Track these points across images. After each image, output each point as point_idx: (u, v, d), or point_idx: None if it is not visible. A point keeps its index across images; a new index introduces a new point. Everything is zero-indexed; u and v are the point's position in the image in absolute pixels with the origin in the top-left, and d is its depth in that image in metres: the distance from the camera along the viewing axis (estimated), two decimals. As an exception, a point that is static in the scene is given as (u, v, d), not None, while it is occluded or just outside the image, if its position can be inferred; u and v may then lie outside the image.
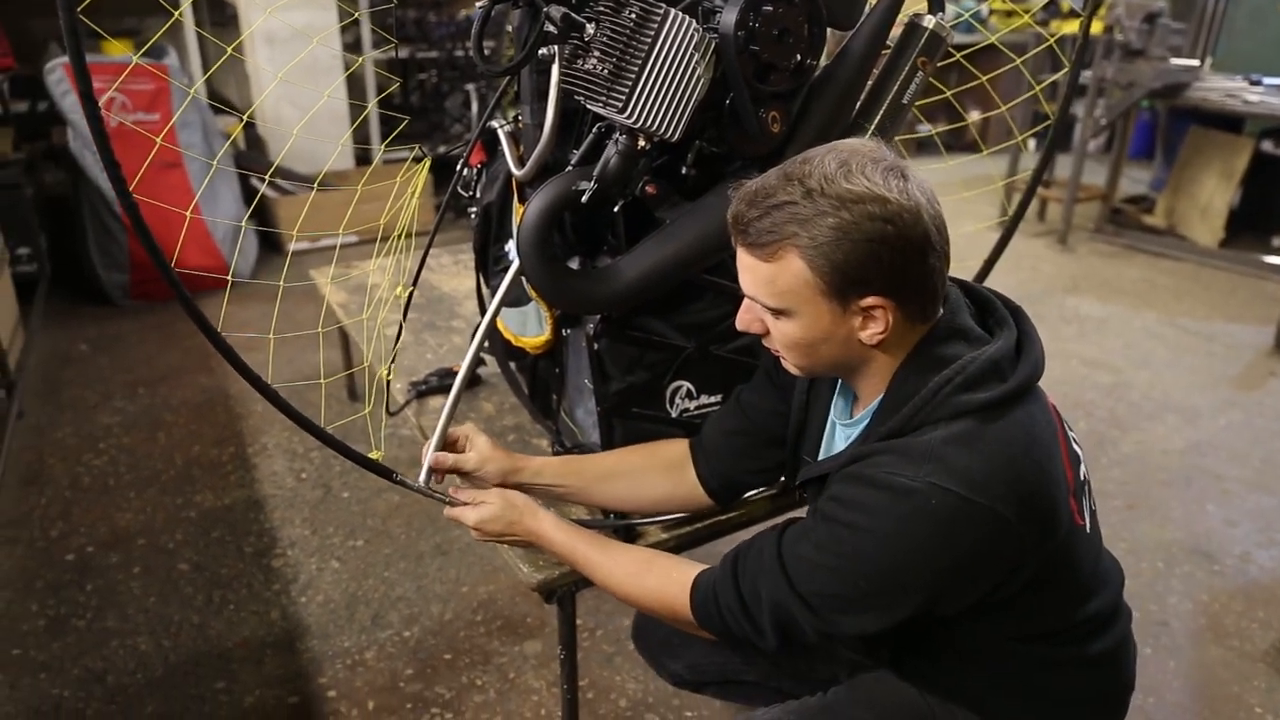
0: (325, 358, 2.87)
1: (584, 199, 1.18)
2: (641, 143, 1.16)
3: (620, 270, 1.26)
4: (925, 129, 5.43)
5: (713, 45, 1.14)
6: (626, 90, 1.12)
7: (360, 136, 4.78)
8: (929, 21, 1.30)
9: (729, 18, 1.12)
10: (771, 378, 1.24)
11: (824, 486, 1.02)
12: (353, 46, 4.81)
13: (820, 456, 1.16)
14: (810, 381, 1.18)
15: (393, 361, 1.52)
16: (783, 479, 1.31)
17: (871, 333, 0.95)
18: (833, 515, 0.95)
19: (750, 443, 1.27)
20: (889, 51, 1.33)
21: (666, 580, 1.11)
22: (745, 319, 1.04)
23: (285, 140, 4.32)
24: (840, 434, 1.12)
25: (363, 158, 4.82)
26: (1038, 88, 1.95)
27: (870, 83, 1.33)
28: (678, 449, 1.35)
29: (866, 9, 1.30)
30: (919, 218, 0.89)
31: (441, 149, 4.73)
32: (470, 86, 4.75)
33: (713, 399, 1.48)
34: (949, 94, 1.77)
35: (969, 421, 0.92)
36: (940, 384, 0.94)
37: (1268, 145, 4.68)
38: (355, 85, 4.79)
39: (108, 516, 2.38)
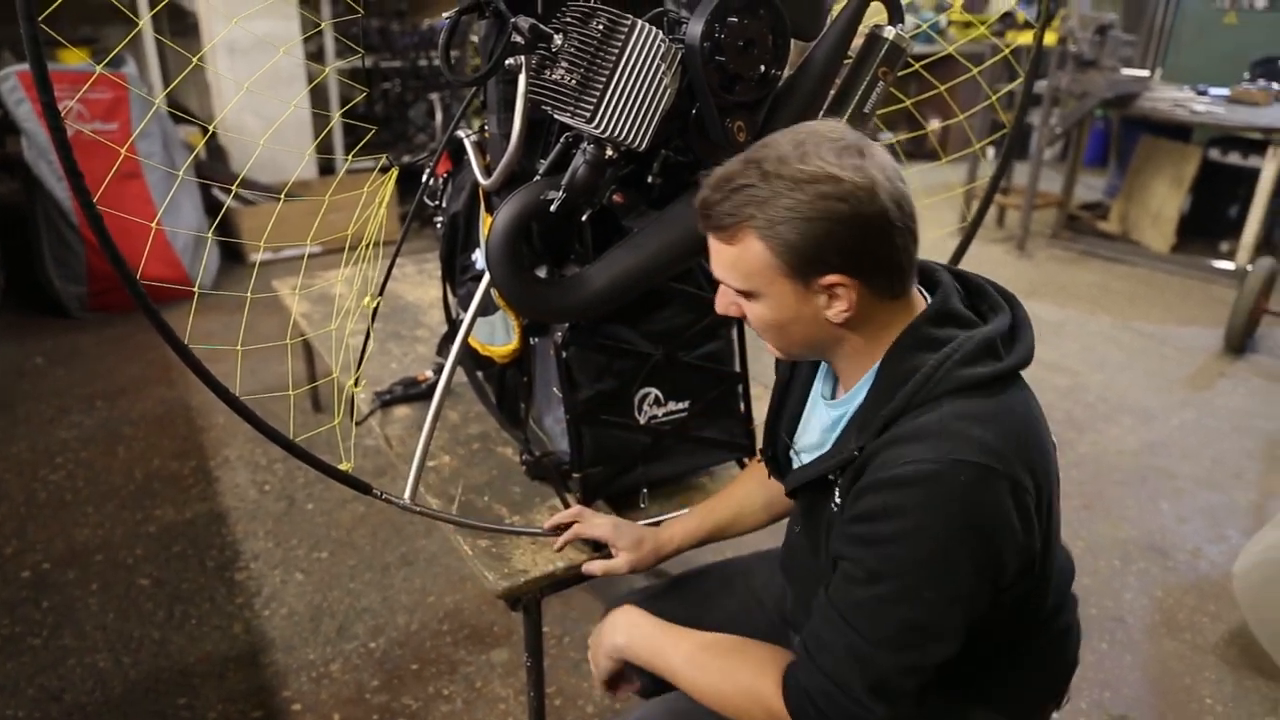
0: (286, 371, 2.84)
1: (553, 208, 1.19)
2: (609, 152, 1.17)
3: (589, 279, 1.27)
4: (887, 137, 5.51)
5: (679, 56, 1.15)
6: (594, 100, 1.13)
7: (324, 145, 4.75)
8: (889, 33, 1.33)
9: (695, 29, 1.13)
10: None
11: (821, 489, 1.02)
12: (316, 55, 4.77)
13: (797, 434, 1.15)
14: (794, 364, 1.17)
15: (359, 369, 1.52)
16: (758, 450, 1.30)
17: (837, 311, 0.95)
18: (869, 537, 0.92)
19: None
20: (851, 62, 1.35)
21: (752, 689, 1.04)
22: (722, 302, 1.04)
23: (247, 149, 4.27)
24: (822, 411, 1.11)
25: (326, 167, 4.78)
26: (994, 97, 1.99)
27: (833, 92, 1.35)
28: (752, 471, 1.36)
29: (829, 20, 1.32)
30: (875, 195, 0.89)
31: (406, 158, 4.71)
32: (434, 96, 4.74)
33: (680, 405, 1.49)
34: (909, 103, 1.81)
35: (972, 396, 0.92)
36: (940, 361, 0.93)
37: (1215, 153, 4.82)
38: (318, 94, 4.75)
39: (65, 532, 2.33)
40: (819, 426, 1.11)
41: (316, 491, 2.50)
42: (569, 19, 1.17)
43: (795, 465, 1.15)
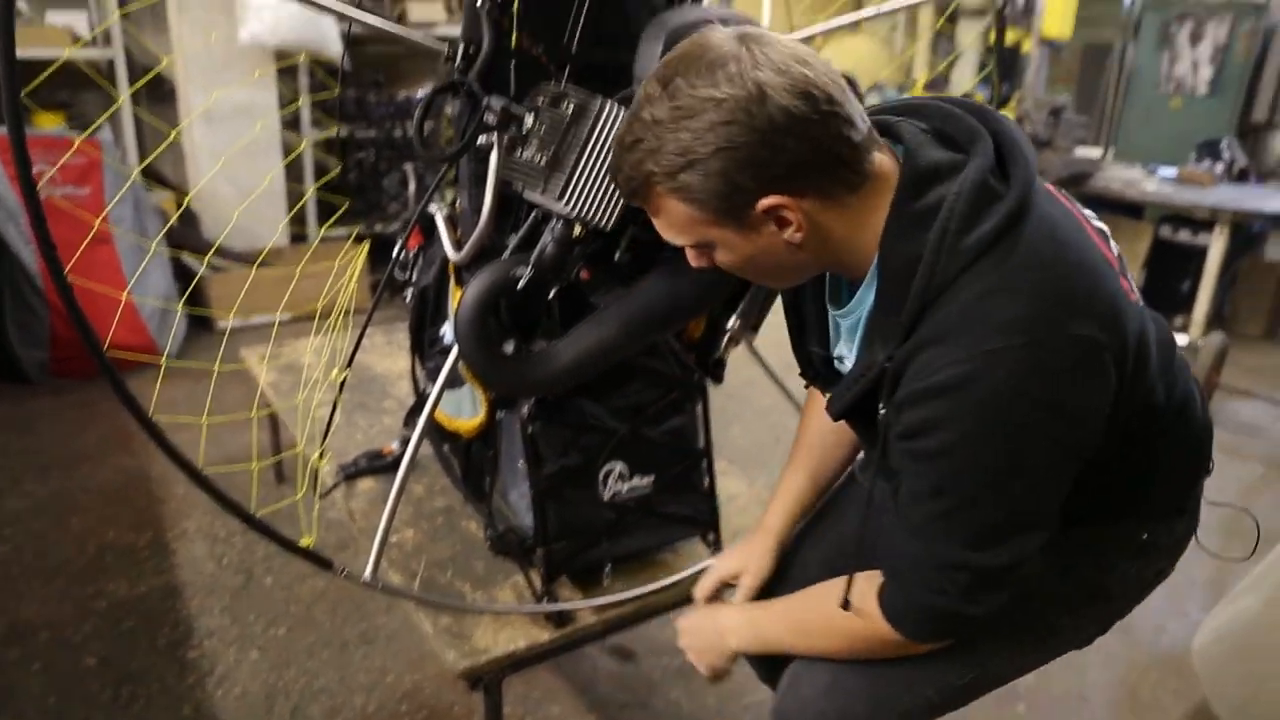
0: (253, 439, 2.79)
1: (520, 285, 1.20)
2: (577, 230, 1.20)
3: (556, 354, 1.28)
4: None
5: (645, 138, 1.18)
6: (563, 180, 1.15)
7: (298, 213, 4.77)
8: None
9: (660, 114, 1.17)
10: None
11: (864, 401, 0.93)
12: (292, 124, 4.83)
13: (832, 344, 1.05)
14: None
15: (324, 443, 1.50)
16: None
17: (791, 233, 0.85)
18: (921, 452, 0.85)
19: None
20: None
21: (853, 629, 1.02)
22: (692, 259, 0.96)
23: (219, 215, 4.28)
24: (837, 323, 1.04)
25: (299, 234, 4.79)
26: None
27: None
28: (812, 402, 1.30)
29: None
30: (764, 99, 0.77)
31: (379, 227, 4.74)
32: (408, 166, 4.79)
33: (645, 480, 1.49)
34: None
35: (987, 262, 0.81)
36: (938, 238, 0.82)
37: (1166, 231, 4.99)
38: (293, 161, 4.79)
39: (8, 609, 2.24)
40: (841, 333, 1.04)
41: (276, 565, 2.44)
42: (540, 101, 1.20)
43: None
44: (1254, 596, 2.03)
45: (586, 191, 1.15)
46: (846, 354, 1.03)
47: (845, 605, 1.01)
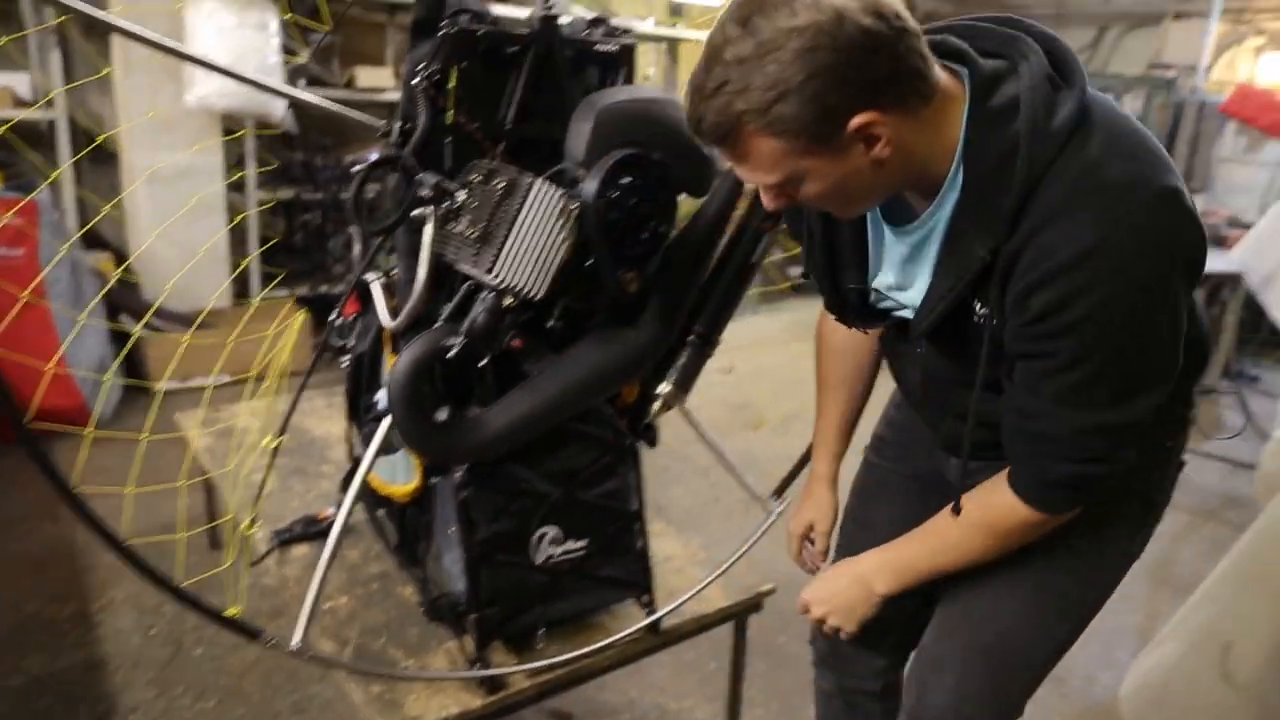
0: (187, 504, 2.74)
1: (451, 354, 1.23)
2: (508, 301, 1.23)
3: (487, 421, 1.30)
4: (797, 272, 5.77)
5: (575, 212, 1.23)
6: (494, 253, 1.19)
7: (240, 275, 4.74)
8: (773, 193, 1.44)
9: (589, 188, 1.22)
10: (794, 226, 1.23)
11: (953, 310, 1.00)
12: (237, 186, 4.82)
13: (874, 277, 1.12)
14: (827, 215, 1.11)
15: (255, 509, 1.49)
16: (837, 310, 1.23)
17: (880, 149, 0.88)
18: (1058, 329, 0.90)
19: None
20: (739, 216, 1.46)
21: (993, 525, 1.09)
22: (768, 201, 0.97)
23: (159, 275, 4.23)
24: (894, 245, 1.07)
25: (240, 293, 4.76)
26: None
27: (724, 243, 1.45)
28: (833, 334, 1.38)
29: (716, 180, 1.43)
30: (842, 21, 0.82)
31: (324, 289, 4.72)
32: (353, 229, 4.81)
33: (579, 544, 1.50)
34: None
35: (1078, 140, 0.88)
36: (1028, 128, 0.88)
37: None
38: (237, 224, 4.77)
39: (-80, 685, 2.15)
40: (893, 258, 1.08)
41: (207, 635, 2.37)
42: (473, 177, 1.24)
43: (885, 304, 1.15)
44: (1175, 643, 2.10)
45: (516, 263, 1.19)
46: (894, 280, 1.09)
47: (956, 510, 1.11)
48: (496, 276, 1.19)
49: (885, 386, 1.44)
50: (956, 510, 1.12)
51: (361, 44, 4.75)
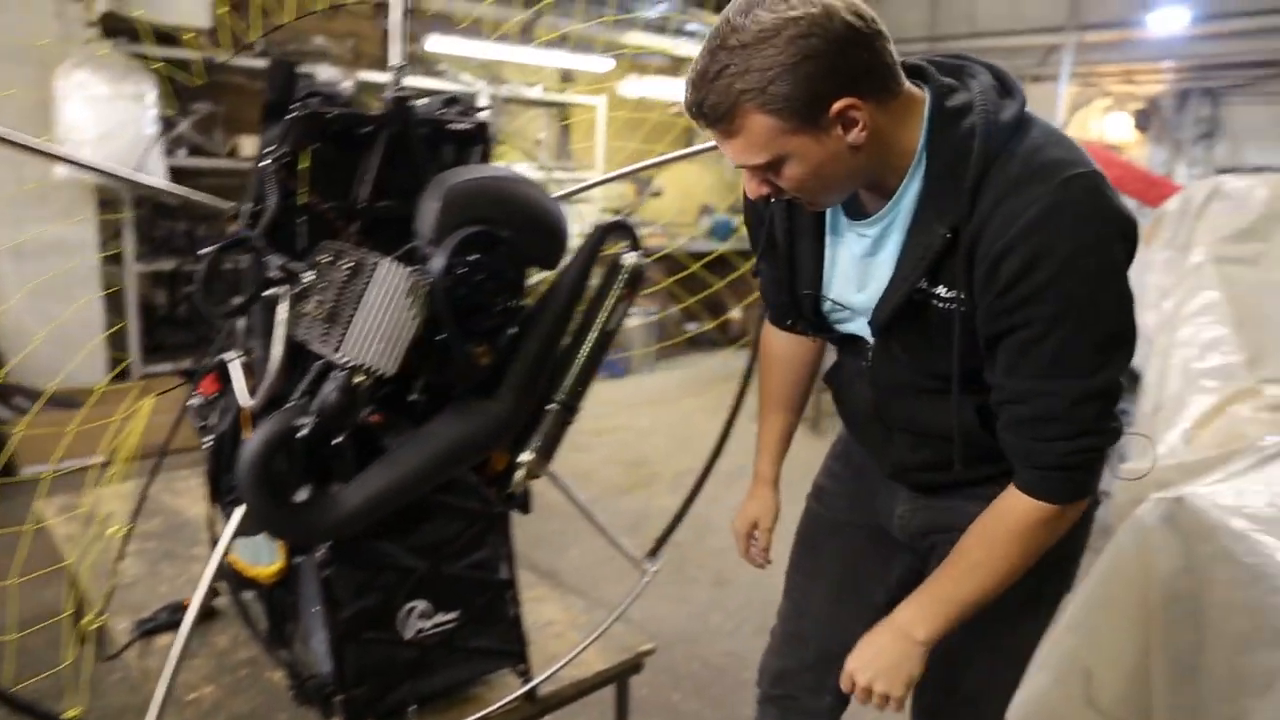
0: (49, 596, 2.59)
1: (301, 434, 1.23)
2: (359, 378, 1.24)
3: (342, 500, 1.29)
4: (693, 326, 5.90)
5: (425, 289, 1.26)
6: (341, 332, 1.20)
7: (119, 347, 4.57)
8: (629, 259, 1.49)
9: (436, 265, 1.24)
10: (759, 239, 1.33)
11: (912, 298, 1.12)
12: (113, 258, 4.67)
13: (826, 286, 1.26)
14: (790, 220, 1.26)
15: (103, 606, 1.44)
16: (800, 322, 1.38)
17: (857, 134, 1.02)
18: (1032, 292, 1.01)
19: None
20: (597, 284, 1.50)
21: (1011, 529, 1.15)
22: (752, 189, 1.10)
23: (29, 355, 4.04)
24: (853, 241, 1.20)
25: (121, 373, 4.58)
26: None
27: (582, 312, 1.49)
28: (776, 342, 1.54)
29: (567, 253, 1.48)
30: (831, 15, 0.97)
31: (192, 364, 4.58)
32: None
33: (449, 616, 1.49)
34: (702, 295, 2.00)
35: (1022, 132, 1.05)
36: (983, 118, 1.04)
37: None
38: (115, 295, 4.61)
39: None
40: (849, 260, 1.22)
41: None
42: (320, 257, 1.26)
43: (837, 315, 1.27)
44: (1043, 673, 2.19)
45: (364, 342, 1.21)
46: (850, 288, 1.23)
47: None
48: (344, 355, 1.20)
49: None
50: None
51: (244, 113, 4.70)
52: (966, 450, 1.21)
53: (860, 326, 1.26)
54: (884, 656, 1.19)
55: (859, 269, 1.21)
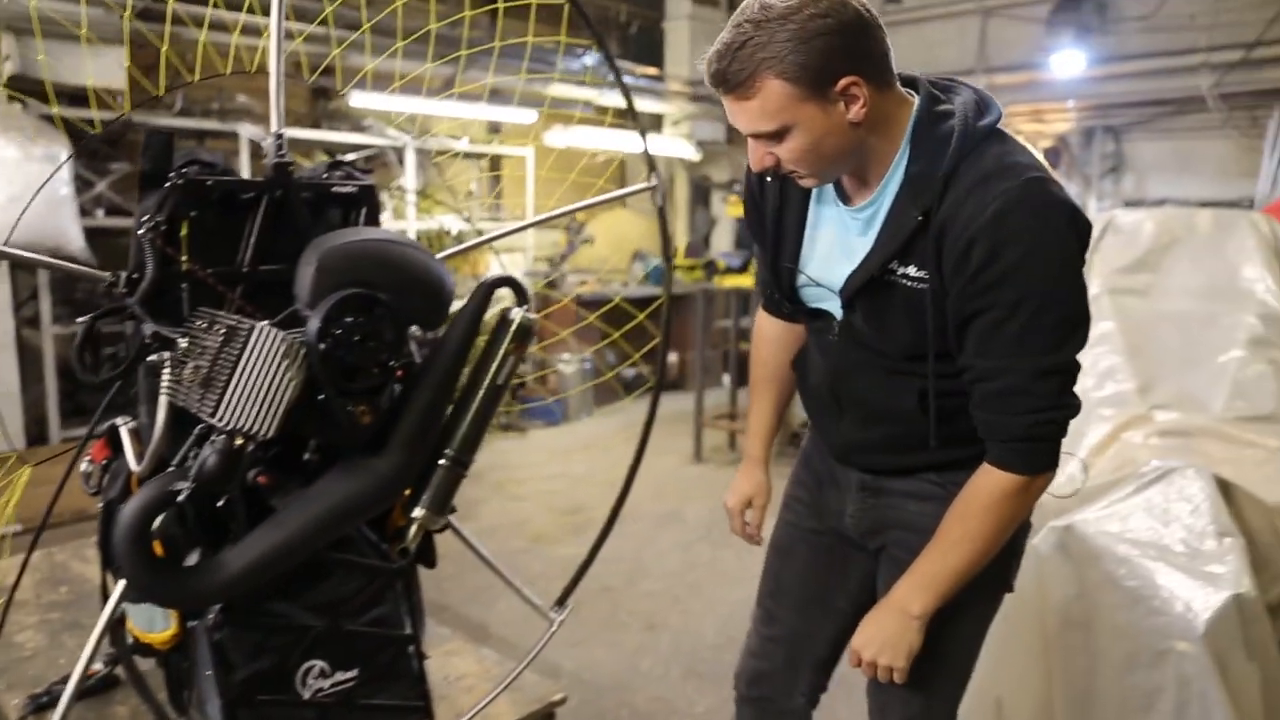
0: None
1: (180, 498, 1.23)
2: (239, 441, 1.25)
3: (225, 563, 1.30)
4: (632, 372, 5.94)
5: (303, 352, 1.28)
6: (217, 396, 1.22)
7: (38, 411, 4.46)
8: (516, 315, 1.53)
9: (312, 327, 1.27)
10: (751, 221, 1.48)
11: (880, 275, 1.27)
12: (32, 320, 4.58)
13: (804, 262, 1.40)
14: (780, 199, 1.40)
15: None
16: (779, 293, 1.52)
17: (857, 110, 1.17)
18: (998, 277, 1.16)
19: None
20: (485, 340, 1.53)
21: (984, 503, 1.28)
22: (757, 160, 1.22)
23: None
24: (846, 220, 1.34)
25: (38, 436, 4.47)
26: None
27: (469, 369, 1.52)
28: (768, 327, 1.67)
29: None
30: (846, 2, 1.14)
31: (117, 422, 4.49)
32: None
33: (349, 674, 1.49)
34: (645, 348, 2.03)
35: (994, 138, 1.22)
36: (963, 119, 1.20)
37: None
38: (31, 358, 4.52)
39: None
40: (830, 241, 1.36)
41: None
42: (197, 323, 1.28)
43: (810, 290, 1.40)
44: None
45: (241, 405, 1.22)
46: (824, 267, 1.37)
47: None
48: (221, 419, 1.21)
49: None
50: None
51: (166, 172, 4.67)
52: (909, 428, 1.36)
53: (831, 303, 1.40)
54: (884, 633, 1.34)
55: (843, 248, 1.35)
